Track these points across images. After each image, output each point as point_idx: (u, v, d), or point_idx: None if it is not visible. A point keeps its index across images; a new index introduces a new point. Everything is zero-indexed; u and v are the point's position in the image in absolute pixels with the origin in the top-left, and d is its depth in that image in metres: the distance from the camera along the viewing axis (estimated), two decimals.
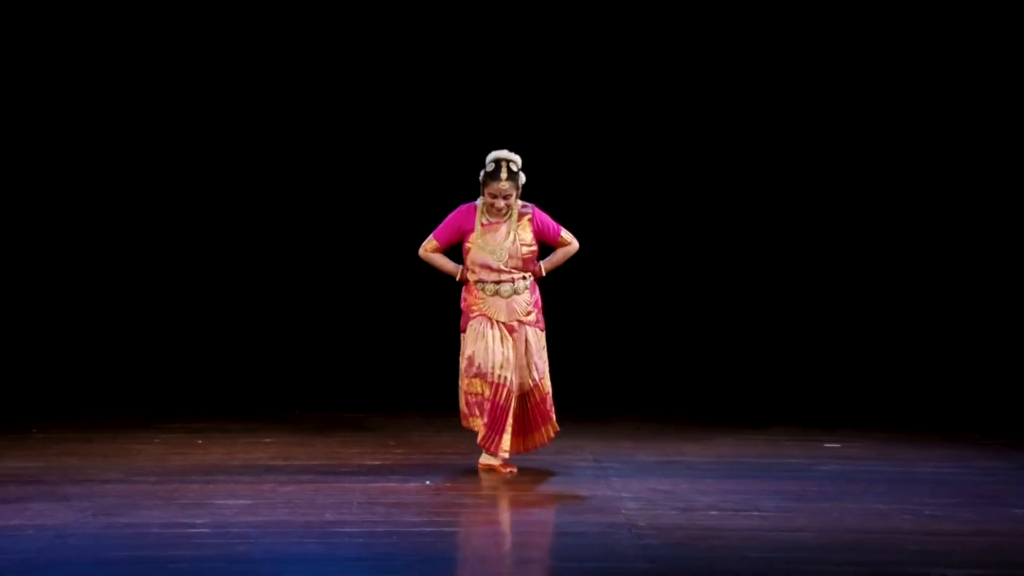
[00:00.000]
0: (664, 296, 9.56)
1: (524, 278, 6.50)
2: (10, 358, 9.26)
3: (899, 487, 6.31)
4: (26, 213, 9.32)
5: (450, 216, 6.56)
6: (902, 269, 9.49)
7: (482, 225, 6.46)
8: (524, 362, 6.48)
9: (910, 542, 5.19)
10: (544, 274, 6.59)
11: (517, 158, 6.47)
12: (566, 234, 6.61)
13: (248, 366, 9.41)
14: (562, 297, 9.62)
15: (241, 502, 5.78)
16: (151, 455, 6.98)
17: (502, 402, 6.41)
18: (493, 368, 6.41)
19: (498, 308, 6.47)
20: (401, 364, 9.30)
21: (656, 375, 9.46)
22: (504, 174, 6.40)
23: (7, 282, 9.33)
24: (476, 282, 6.49)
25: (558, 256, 6.62)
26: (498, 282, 6.46)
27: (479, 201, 6.53)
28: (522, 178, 6.50)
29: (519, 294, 6.49)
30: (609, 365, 9.47)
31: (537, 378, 6.52)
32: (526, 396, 6.53)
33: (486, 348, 6.42)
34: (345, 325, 9.47)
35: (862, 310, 9.52)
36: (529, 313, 6.51)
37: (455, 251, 6.63)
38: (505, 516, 5.72)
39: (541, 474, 6.53)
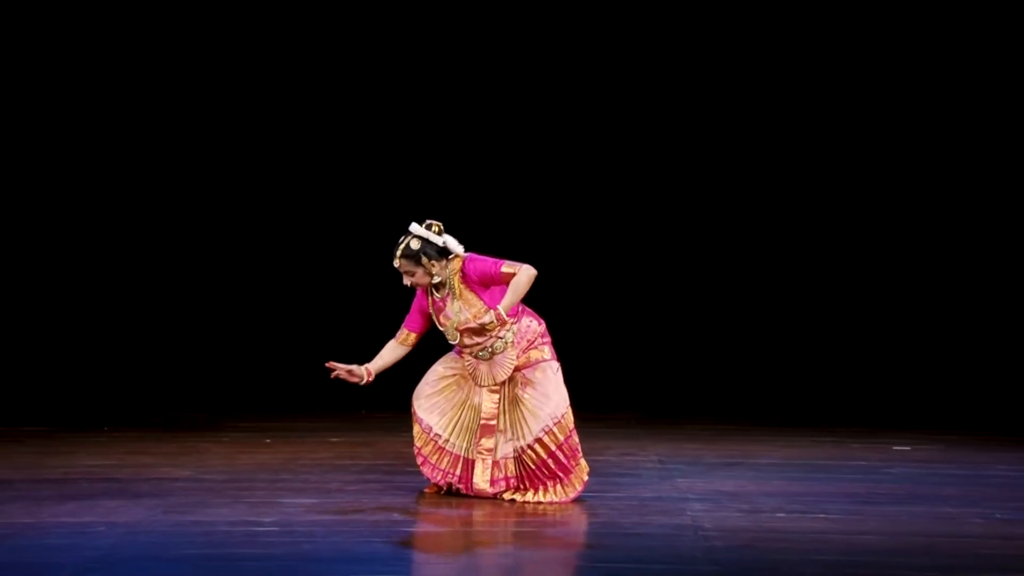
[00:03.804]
0: (733, 298, 9.53)
1: (500, 337, 5.86)
2: (82, 358, 9.39)
3: (969, 490, 6.23)
4: (99, 215, 9.45)
5: (415, 298, 6.02)
6: (975, 272, 9.39)
7: (434, 304, 5.92)
8: (514, 420, 5.89)
9: (981, 547, 5.13)
10: (506, 318, 5.81)
11: (423, 232, 5.82)
12: (509, 266, 5.81)
13: (315, 366, 9.47)
14: (631, 298, 9.66)
15: (308, 501, 5.82)
16: (220, 454, 7.05)
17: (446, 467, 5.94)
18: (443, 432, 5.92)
19: (481, 373, 5.92)
20: None
21: (723, 377, 9.42)
22: (397, 251, 5.84)
23: (83, 282, 9.46)
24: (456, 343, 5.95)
25: (509, 295, 5.80)
26: (472, 353, 5.90)
27: None
28: (436, 243, 5.83)
29: (498, 353, 5.87)
30: (676, 367, 9.44)
31: (539, 429, 5.84)
32: (522, 457, 5.87)
33: (450, 409, 5.94)
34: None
35: (934, 311, 9.43)
36: (529, 352, 5.89)
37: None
38: (570, 517, 5.72)
39: (606, 475, 6.52)
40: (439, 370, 6.02)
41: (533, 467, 5.87)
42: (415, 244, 5.85)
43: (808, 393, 9.24)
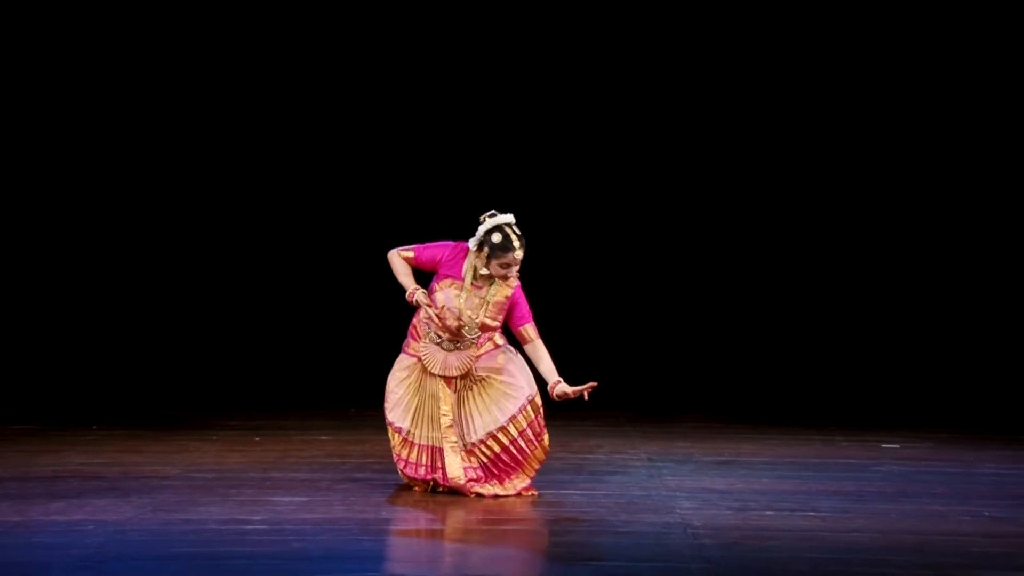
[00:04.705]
0: (724, 296, 9.53)
1: (472, 341, 5.89)
2: (73, 356, 9.37)
3: (959, 488, 6.25)
4: (89, 215, 9.44)
5: (441, 246, 5.96)
6: (965, 270, 9.40)
7: (471, 285, 5.85)
8: (469, 413, 5.91)
9: (970, 544, 5.14)
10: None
11: (511, 217, 5.85)
12: (533, 328, 5.92)
13: (305, 364, 9.47)
14: (622, 296, 9.66)
15: (297, 499, 5.82)
16: (209, 452, 7.04)
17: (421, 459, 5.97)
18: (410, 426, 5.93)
19: (435, 360, 5.92)
20: None
21: (712, 375, 9.43)
22: (517, 242, 5.76)
23: (73, 280, 9.44)
24: (426, 318, 5.93)
25: (550, 362, 5.91)
26: (440, 340, 5.92)
27: (472, 245, 5.86)
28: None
29: (462, 350, 5.90)
30: (667, 365, 9.44)
31: (505, 419, 5.87)
32: (478, 448, 5.90)
33: (413, 407, 5.95)
34: (402, 323, 9.50)
35: (924, 309, 9.44)
36: (487, 347, 5.92)
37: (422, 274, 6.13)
38: (559, 515, 5.72)
39: (596, 473, 6.52)
40: (398, 376, 6.03)
41: (492, 455, 5.87)
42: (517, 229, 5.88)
43: (798, 391, 9.24)
